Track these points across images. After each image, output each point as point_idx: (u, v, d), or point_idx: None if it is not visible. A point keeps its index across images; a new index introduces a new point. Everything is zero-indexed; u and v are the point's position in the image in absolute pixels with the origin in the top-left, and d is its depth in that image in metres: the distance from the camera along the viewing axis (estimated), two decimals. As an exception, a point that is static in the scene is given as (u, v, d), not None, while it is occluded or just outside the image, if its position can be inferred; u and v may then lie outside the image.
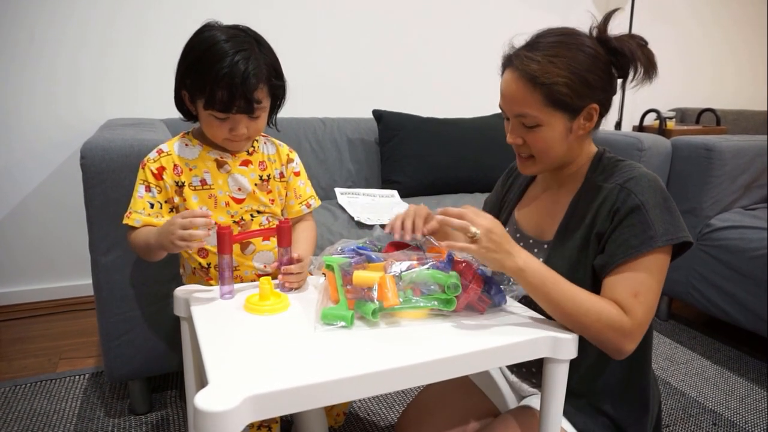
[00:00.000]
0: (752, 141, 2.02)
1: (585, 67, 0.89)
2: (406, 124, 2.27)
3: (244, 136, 1.05)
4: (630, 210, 0.87)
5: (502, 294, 0.89)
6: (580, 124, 0.93)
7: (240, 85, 0.97)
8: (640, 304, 0.84)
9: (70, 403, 1.55)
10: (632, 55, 0.91)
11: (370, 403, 1.59)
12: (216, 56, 0.97)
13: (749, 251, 1.80)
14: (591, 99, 0.90)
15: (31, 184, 2.17)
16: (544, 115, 0.90)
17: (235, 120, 1.02)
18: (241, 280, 1.13)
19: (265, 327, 0.84)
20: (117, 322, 1.34)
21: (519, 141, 0.95)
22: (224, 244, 0.94)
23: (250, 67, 0.98)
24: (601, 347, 0.86)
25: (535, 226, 1.04)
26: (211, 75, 0.97)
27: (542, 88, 0.88)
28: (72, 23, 2.09)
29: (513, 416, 0.96)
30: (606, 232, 0.89)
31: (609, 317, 0.83)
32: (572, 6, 2.98)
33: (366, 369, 0.70)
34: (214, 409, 0.60)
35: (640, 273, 0.85)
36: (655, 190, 0.89)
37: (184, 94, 1.06)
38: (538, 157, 0.96)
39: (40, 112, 2.12)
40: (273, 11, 2.37)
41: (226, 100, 0.98)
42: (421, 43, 2.69)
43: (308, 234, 1.21)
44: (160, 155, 1.08)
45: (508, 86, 0.92)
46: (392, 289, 0.84)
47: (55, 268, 2.26)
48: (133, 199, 1.07)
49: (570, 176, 1.01)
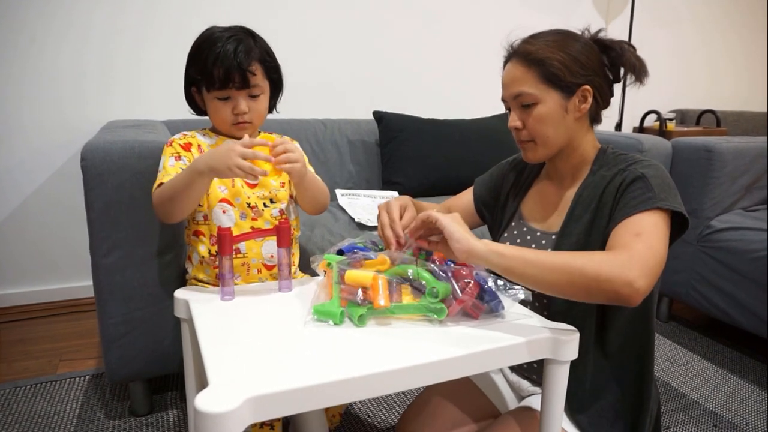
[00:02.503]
0: (752, 142, 2.02)
1: (577, 49, 0.95)
2: (407, 125, 2.27)
3: (246, 115, 1.11)
4: (633, 179, 0.91)
5: (498, 301, 0.88)
6: (575, 105, 0.96)
7: (233, 59, 1.06)
8: (640, 241, 0.83)
9: (70, 405, 1.55)
10: (621, 50, 0.98)
11: (369, 404, 1.59)
12: (211, 42, 1.08)
13: (750, 252, 1.79)
14: (584, 78, 0.95)
15: (32, 186, 2.17)
16: (539, 91, 0.95)
17: (235, 99, 1.10)
18: (248, 268, 1.14)
19: (265, 328, 0.84)
20: (117, 323, 1.34)
21: (519, 124, 0.98)
22: (225, 246, 0.94)
23: (241, 46, 1.08)
24: (609, 299, 0.80)
25: (541, 220, 1.06)
26: (210, 58, 1.06)
27: (537, 66, 0.94)
28: (73, 25, 2.10)
29: (513, 417, 0.96)
30: (612, 206, 0.92)
31: (600, 261, 0.79)
32: (573, 9, 2.99)
33: (367, 370, 0.70)
34: (215, 410, 0.60)
35: (642, 221, 0.86)
36: (658, 169, 0.93)
37: (194, 90, 1.15)
38: (537, 139, 0.98)
39: (41, 113, 2.12)
40: (274, 13, 2.38)
41: (222, 76, 1.06)
42: (421, 45, 2.69)
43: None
44: (185, 135, 1.15)
45: (507, 72, 0.99)
46: (384, 291, 0.84)
47: (55, 269, 2.26)
48: (164, 168, 1.08)
49: (574, 169, 1.02)
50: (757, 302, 1.76)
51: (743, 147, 1.98)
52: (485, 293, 0.87)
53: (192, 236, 1.16)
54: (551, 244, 1.00)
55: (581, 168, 1.02)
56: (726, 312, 1.88)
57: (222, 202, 1.11)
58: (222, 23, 1.13)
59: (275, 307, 0.94)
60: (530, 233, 1.05)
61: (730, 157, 1.94)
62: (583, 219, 0.96)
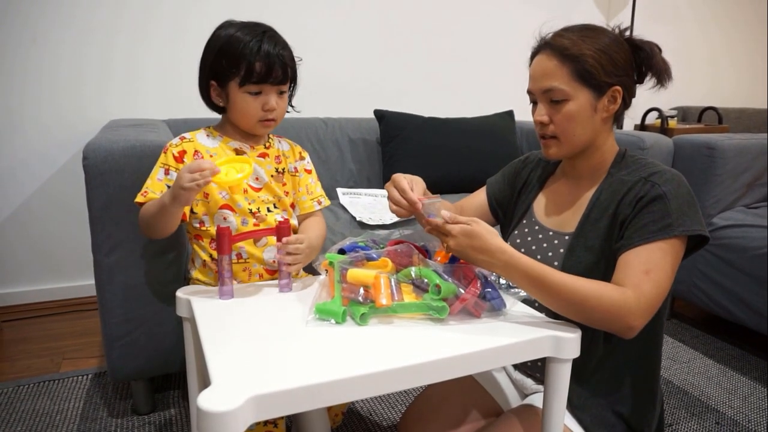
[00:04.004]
0: (754, 139, 2.02)
1: (611, 47, 0.93)
2: (408, 124, 2.27)
3: (274, 112, 1.11)
4: (653, 198, 0.89)
5: (500, 299, 0.88)
6: (604, 105, 0.95)
7: (276, 56, 1.07)
8: (649, 281, 0.85)
9: (73, 404, 1.56)
10: (651, 51, 0.96)
11: (371, 402, 1.59)
12: (245, 36, 1.06)
13: (751, 250, 1.79)
14: (616, 78, 0.94)
15: (33, 185, 2.17)
16: (571, 88, 0.93)
17: (267, 95, 1.09)
18: (249, 273, 1.14)
19: (267, 327, 0.85)
20: (120, 322, 1.35)
21: (545, 119, 0.97)
22: (223, 245, 0.95)
23: (280, 43, 1.09)
24: (609, 330, 0.86)
25: (554, 219, 1.05)
26: (247, 50, 1.05)
27: (571, 62, 0.92)
28: (74, 24, 2.10)
29: (516, 415, 0.96)
30: (627, 218, 0.91)
31: (610, 297, 0.83)
32: (574, 5, 2.98)
33: (369, 369, 0.70)
34: (218, 409, 0.60)
35: (654, 254, 0.87)
36: (680, 184, 0.91)
37: (212, 85, 1.11)
38: (562, 136, 0.97)
39: (43, 112, 2.13)
40: (274, 12, 2.37)
41: (264, 71, 1.06)
42: (422, 43, 2.69)
43: (317, 227, 1.23)
44: (182, 141, 1.13)
45: (538, 64, 0.97)
46: (385, 290, 0.84)
47: (57, 268, 2.27)
48: (151, 180, 1.09)
49: (592, 170, 1.01)
50: (758, 299, 1.76)
51: (745, 144, 1.97)
52: (487, 292, 0.87)
53: (193, 239, 1.16)
54: (564, 244, 0.99)
55: (599, 169, 1.01)
56: (728, 309, 1.88)
57: (223, 208, 1.10)
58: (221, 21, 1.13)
59: (277, 306, 0.94)
60: (542, 232, 1.05)
61: (732, 155, 1.94)
62: (600, 223, 0.95)
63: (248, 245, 1.13)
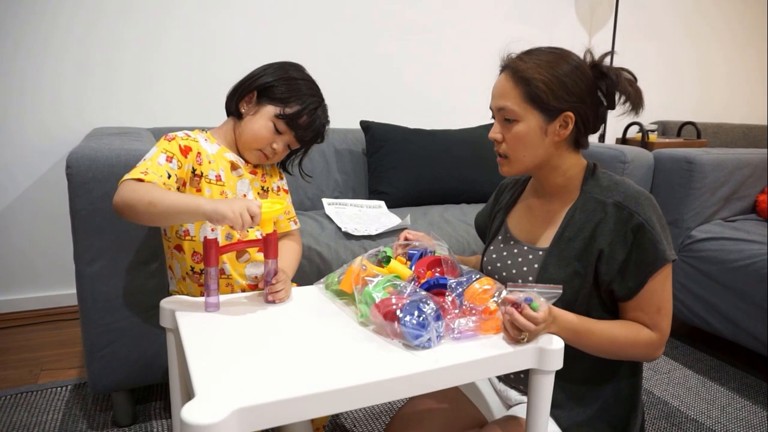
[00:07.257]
0: (732, 154, 2.07)
1: (565, 73, 0.95)
2: (394, 135, 2.28)
3: (275, 156, 1.18)
4: (636, 229, 0.93)
5: (423, 337, 0.80)
6: (555, 129, 0.97)
7: (320, 124, 1.19)
8: (663, 317, 0.95)
9: (51, 416, 1.53)
10: (617, 79, 0.97)
11: (355, 413, 1.58)
12: (311, 91, 1.18)
13: (729, 262, 1.83)
14: (567, 103, 0.95)
15: (15, 192, 2.14)
16: (521, 109, 0.96)
17: (284, 138, 1.16)
18: (231, 289, 1.13)
19: (252, 338, 0.84)
20: (101, 332, 1.33)
21: (498, 136, 1.00)
22: (210, 256, 0.94)
23: (328, 120, 1.23)
24: (635, 360, 1.01)
25: (527, 234, 1.07)
26: (306, 99, 1.15)
27: (523, 84, 0.95)
28: (57, 31, 2.08)
29: (500, 426, 0.97)
30: (613, 254, 0.93)
31: (643, 340, 0.94)
32: (557, 21, 3.03)
33: (355, 381, 0.71)
34: (202, 422, 0.60)
35: (657, 288, 0.94)
36: (653, 208, 0.96)
37: (252, 94, 1.15)
38: (510, 155, 1.00)
39: (25, 120, 2.10)
40: (259, 22, 2.38)
41: (302, 123, 1.15)
42: (408, 55, 2.71)
43: (293, 250, 1.25)
44: (188, 137, 1.12)
45: (498, 83, 1.00)
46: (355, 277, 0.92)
47: (37, 277, 2.23)
48: (152, 162, 1.02)
49: (561, 187, 1.03)
50: (736, 311, 1.80)
51: (722, 158, 2.02)
52: (407, 321, 0.80)
53: (173, 249, 1.15)
54: (539, 260, 1.01)
55: (568, 186, 1.02)
56: (706, 320, 1.91)
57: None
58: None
59: (262, 317, 0.94)
60: (517, 246, 1.06)
61: (710, 169, 1.98)
62: (574, 243, 0.97)
63: (231, 261, 1.13)
